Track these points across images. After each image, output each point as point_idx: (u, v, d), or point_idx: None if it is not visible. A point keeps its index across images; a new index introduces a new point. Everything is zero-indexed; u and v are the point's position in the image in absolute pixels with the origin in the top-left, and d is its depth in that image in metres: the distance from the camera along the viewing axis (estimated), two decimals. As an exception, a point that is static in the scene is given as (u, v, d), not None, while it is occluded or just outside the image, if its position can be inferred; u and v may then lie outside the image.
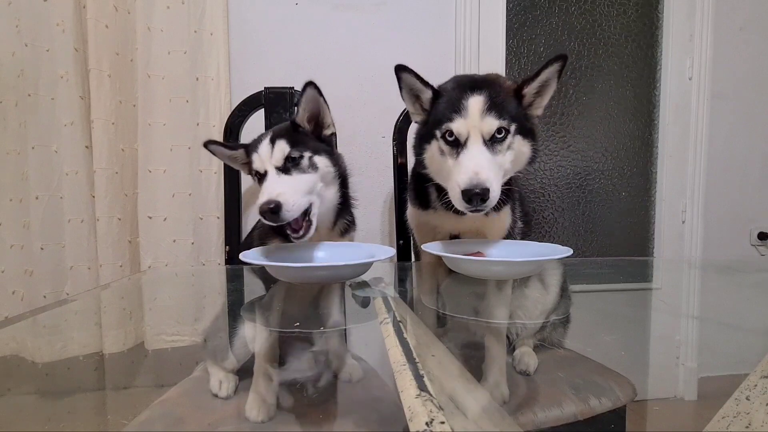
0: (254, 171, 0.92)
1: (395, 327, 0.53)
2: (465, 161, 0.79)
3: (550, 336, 0.88)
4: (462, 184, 0.76)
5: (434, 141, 0.86)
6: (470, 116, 0.81)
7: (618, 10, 1.87)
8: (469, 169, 0.77)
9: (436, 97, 0.89)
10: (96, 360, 0.66)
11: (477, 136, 0.81)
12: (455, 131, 0.82)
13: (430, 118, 0.88)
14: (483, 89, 0.83)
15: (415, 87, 0.90)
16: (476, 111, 0.81)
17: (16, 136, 1.40)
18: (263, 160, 0.89)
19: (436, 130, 0.85)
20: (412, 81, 0.89)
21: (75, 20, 1.39)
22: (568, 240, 1.91)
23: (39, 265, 1.39)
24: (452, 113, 0.82)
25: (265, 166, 0.89)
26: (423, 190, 1.00)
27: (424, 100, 0.91)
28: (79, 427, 0.50)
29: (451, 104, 0.83)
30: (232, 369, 0.66)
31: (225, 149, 1.03)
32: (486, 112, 0.81)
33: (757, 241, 1.97)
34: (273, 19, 1.63)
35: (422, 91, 0.90)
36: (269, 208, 0.80)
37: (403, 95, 0.92)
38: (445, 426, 0.29)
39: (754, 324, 0.80)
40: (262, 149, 0.90)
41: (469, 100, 0.82)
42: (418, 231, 1.08)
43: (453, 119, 0.82)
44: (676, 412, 0.67)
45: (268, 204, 0.81)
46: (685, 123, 1.90)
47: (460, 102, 0.82)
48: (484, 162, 0.79)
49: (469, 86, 0.84)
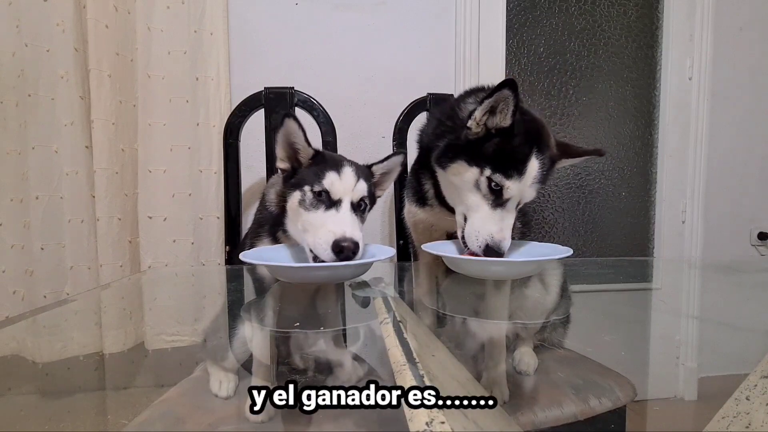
0: (318, 190, 0.84)
1: (395, 327, 0.53)
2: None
3: (550, 336, 0.88)
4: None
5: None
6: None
7: (618, 10, 1.87)
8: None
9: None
10: (96, 360, 0.66)
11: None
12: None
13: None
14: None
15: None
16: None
17: (16, 136, 1.40)
18: (344, 189, 0.84)
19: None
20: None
21: (75, 20, 1.39)
22: (568, 240, 1.91)
23: (39, 265, 1.39)
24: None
25: (342, 196, 0.84)
26: (420, 187, 1.00)
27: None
28: (79, 427, 0.50)
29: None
30: (232, 369, 0.66)
31: (301, 133, 0.89)
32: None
33: (757, 241, 1.98)
34: (273, 19, 1.63)
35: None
36: (348, 246, 0.76)
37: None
38: (445, 426, 0.29)
39: (754, 324, 0.80)
40: (347, 177, 0.85)
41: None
42: (415, 229, 1.08)
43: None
44: (676, 412, 0.67)
45: (349, 241, 0.76)
46: (685, 123, 1.90)
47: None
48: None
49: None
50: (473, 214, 0.82)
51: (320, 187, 0.83)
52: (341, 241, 0.76)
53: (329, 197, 0.83)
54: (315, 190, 0.83)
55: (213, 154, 1.53)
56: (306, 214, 0.83)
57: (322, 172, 0.84)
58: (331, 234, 0.77)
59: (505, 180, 0.80)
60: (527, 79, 1.83)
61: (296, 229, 0.87)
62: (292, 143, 0.88)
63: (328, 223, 0.80)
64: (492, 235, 0.78)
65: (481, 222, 0.80)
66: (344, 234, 0.77)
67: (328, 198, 0.83)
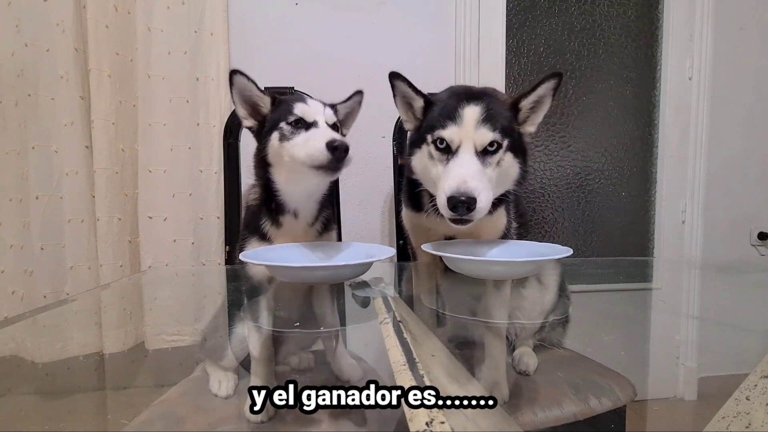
0: (293, 120, 0.84)
1: (395, 327, 0.53)
2: (453, 170, 0.78)
3: (550, 336, 0.88)
4: (449, 191, 0.74)
5: (424, 146, 0.85)
6: (465, 125, 0.80)
7: (618, 10, 1.87)
8: (457, 175, 0.75)
9: (428, 105, 0.89)
10: (96, 360, 0.66)
11: (469, 145, 0.80)
12: (447, 139, 0.81)
13: (423, 125, 0.88)
14: (479, 100, 0.82)
15: (407, 95, 0.89)
16: (472, 120, 0.80)
17: (16, 136, 1.40)
18: (316, 111, 0.86)
19: (428, 135, 0.84)
20: (405, 89, 0.89)
21: (75, 20, 1.39)
22: (568, 240, 1.90)
23: (39, 265, 1.39)
24: (446, 120, 0.81)
25: (316, 117, 0.85)
26: (415, 192, 1.00)
27: (416, 109, 0.90)
28: (79, 427, 0.50)
29: (446, 112, 0.83)
30: (231, 368, 0.66)
31: (252, 84, 0.89)
32: (482, 123, 0.80)
33: (757, 241, 1.97)
34: (273, 19, 1.63)
35: (414, 100, 0.89)
36: (341, 144, 0.75)
37: (397, 102, 0.93)
38: (445, 426, 0.29)
39: (754, 324, 0.80)
40: (313, 102, 0.87)
41: (465, 109, 0.81)
42: (413, 232, 1.08)
43: (446, 127, 0.81)
44: (676, 412, 0.67)
45: (339, 141, 0.76)
46: (685, 123, 1.90)
47: (455, 111, 0.81)
48: (473, 171, 0.77)
49: (465, 96, 0.84)
50: (439, 183, 0.81)
51: (293, 116, 0.84)
52: (333, 142, 0.76)
53: (305, 121, 0.84)
54: (290, 121, 0.84)
55: (213, 154, 1.53)
56: (289, 144, 0.83)
57: (289, 105, 0.86)
58: (322, 137, 0.78)
59: (443, 130, 0.81)
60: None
61: (285, 173, 0.86)
62: (248, 98, 0.89)
63: (315, 136, 0.80)
64: (450, 186, 0.74)
65: (443, 181, 0.78)
66: (333, 136, 0.78)
67: (305, 123, 0.84)
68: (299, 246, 0.89)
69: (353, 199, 1.67)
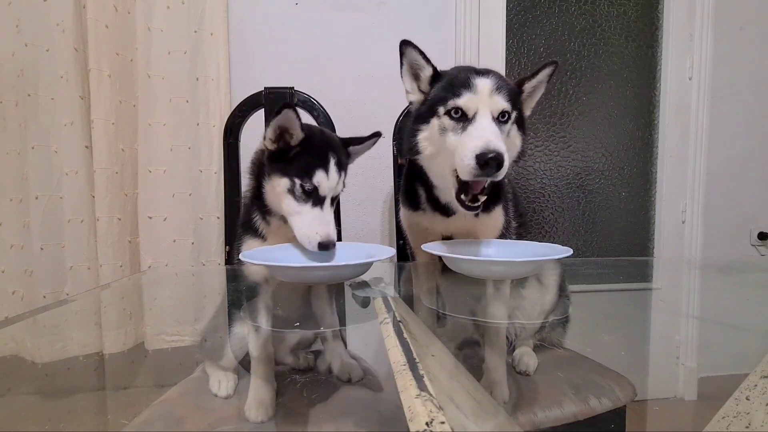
0: (455, 108, 0.82)
1: (395, 327, 0.53)
2: (475, 132, 0.78)
3: (550, 336, 0.88)
4: (476, 149, 0.73)
5: (434, 119, 0.85)
6: (480, 93, 0.81)
7: (618, 10, 1.87)
8: (483, 135, 0.76)
9: (435, 77, 0.89)
10: (96, 360, 0.66)
11: (486, 111, 0.80)
12: (463, 107, 0.81)
13: (430, 97, 0.88)
14: (488, 74, 0.84)
15: (417, 62, 0.89)
16: (486, 89, 0.81)
17: (16, 136, 1.40)
18: (329, 186, 0.85)
19: (439, 107, 0.84)
20: (415, 56, 0.88)
21: (75, 20, 1.39)
22: (568, 240, 1.91)
23: (39, 265, 1.39)
24: (460, 89, 0.82)
25: (326, 194, 0.86)
26: (413, 191, 1.00)
27: (423, 79, 0.90)
28: (79, 427, 0.50)
29: (459, 82, 0.83)
30: (231, 368, 0.66)
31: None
32: (495, 92, 0.81)
33: (757, 241, 1.98)
34: (273, 19, 1.63)
35: (423, 69, 0.89)
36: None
37: (403, 72, 0.92)
38: (445, 426, 0.29)
39: (754, 324, 0.80)
40: (332, 172, 0.86)
41: (477, 79, 0.82)
42: (411, 232, 1.08)
43: (461, 95, 0.81)
44: (676, 412, 0.67)
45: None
46: (685, 123, 1.90)
47: (468, 81, 0.82)
48: (496, 132, 0.78)
49: (473, 70, 0.85)
50: (457, 151, 0.81)
51: (310, 185, 0.84)
52: (324, 240, 0.79)
53: (317, 193, 0.85)
54: (306, 188, 0.85)
55: (213, 154, 1.53)
56: (294, 204, 0.84)
57: (311, 167, 0.85)
58: (315, 235, 0.80)
59: (458, 99, 0.82)
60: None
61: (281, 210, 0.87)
62: (285, 129, 0.89)
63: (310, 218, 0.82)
64: (477, 145, 0.75)
65: (465, 145, 0.79)
66: (328, 233, 0.80)
67: (316, 194, 0.85)
68: (300, 246, 0.89)
69: (353, 199, 1.67)
